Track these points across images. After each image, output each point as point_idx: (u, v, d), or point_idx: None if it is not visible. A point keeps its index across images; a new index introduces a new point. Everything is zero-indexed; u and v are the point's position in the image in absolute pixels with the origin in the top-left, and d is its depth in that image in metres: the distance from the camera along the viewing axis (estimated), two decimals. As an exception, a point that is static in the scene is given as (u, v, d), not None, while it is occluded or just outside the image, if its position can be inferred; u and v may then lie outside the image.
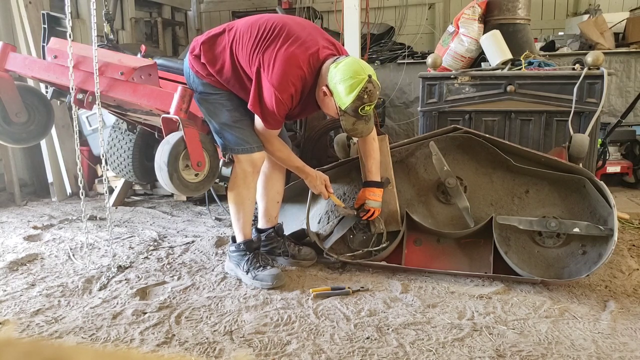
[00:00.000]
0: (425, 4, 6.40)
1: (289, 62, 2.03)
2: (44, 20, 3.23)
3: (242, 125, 2.26)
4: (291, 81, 2.05)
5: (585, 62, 2.81)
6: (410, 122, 5.45)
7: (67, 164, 4.22)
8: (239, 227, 2.39)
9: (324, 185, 2.43)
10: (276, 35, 2.08)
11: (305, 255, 2.52)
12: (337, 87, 2.03)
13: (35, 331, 1.86)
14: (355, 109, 2.03)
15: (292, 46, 2.05)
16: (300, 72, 2.06)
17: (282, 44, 2.05)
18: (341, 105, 2.05)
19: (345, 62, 2.04)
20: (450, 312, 1.97)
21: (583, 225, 2.18)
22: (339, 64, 2.04)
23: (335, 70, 2.03)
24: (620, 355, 1.65)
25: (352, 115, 2.06)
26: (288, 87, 2.05)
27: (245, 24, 2.18)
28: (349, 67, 2.02)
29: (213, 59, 2.19)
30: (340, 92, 2.02)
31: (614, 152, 4.18)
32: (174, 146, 2.05)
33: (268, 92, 2.05)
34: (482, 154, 2.47)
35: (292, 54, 2.04)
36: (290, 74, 2.04)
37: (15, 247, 2.87)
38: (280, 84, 2.03)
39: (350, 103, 2.02)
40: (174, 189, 2.11)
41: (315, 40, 2.12)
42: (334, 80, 2.03)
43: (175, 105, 2.09)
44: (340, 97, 2.03)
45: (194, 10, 6.99)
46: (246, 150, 2.25)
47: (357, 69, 2.02)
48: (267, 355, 1.68)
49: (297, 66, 2.05)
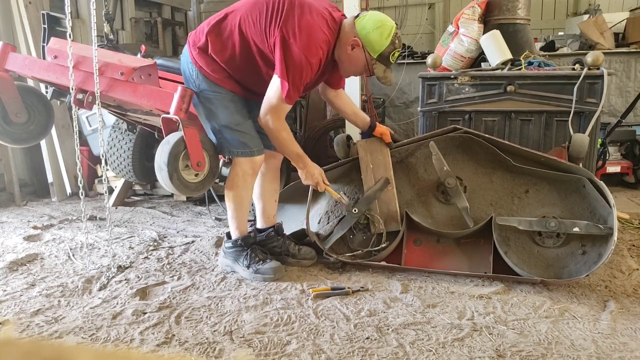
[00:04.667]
0: (425, 4, 6.40)
1: (313, 28, 2.10)
2: (44, 20, 3.23)
3: (243, 129, 2.26)
4: (319, 45, 2.12)
5: (585, 62, 2.81)
6: (410, 122, 5.45)
7: (67, 164, 4.23)
8: (235, 225, 2.41)
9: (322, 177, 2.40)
10: (290, 7, 2.11)
11: (305, 254, 2.52)
12: (369, 35, 2.14)
13: (35, 331, 1.86)
14: (387, 54, 2.16)
15: (311, 14, 2.11)
16: (324, 36, 2.14)
17: (300, 14, 2.10)
18: (375, 52, 2.16)
19: (370, 14, 2.20)
20: (450, 312, 1.97)
21: (583, 224, 2.18)
22: (364, 17, 2.17)
23: (364, 22, 2.15)
24: (620, 355, 1.65)
25: (383, 63, 2.19)
26: (317, 51, 2.12)
27: (248, 4, 2.18)
28: (377, 17, 2.18)
29: (222, 47, 2.19)
30: (374, 39, 2.14)
31: (614, 152, 4.18)
32: (174, 146, 2.05)
33: (298, 57, 2.08)
34: (482, 154, 2.47)
35: (313, 21, 2.11)
36: (317, 38, 2.11)
37: (15, 247, 2.87)
38: (309, 49, 2.08)
39: (385, 48, 2.14)
40: (174, 189, 2.12)
41: (325, 5, 2.22)
42: (365, 29, 2.14)
43: (175, 105, 2.09)
44: (374, 44, 2.15)
45: (194, 10, 6.99)
46: (247, 153, 2.27)
47: (384, 18, 2.19)
48: (267, 355, 1.68)
49: (321, 31, 2.13)
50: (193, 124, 2.18)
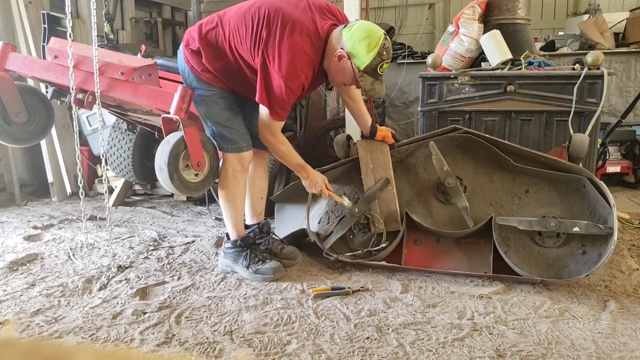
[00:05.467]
0: (425, 4, 6.40)
1: (293, 51, 2.03)
2: (44, 20, 3.24)
3: (232, 125, 2.27)
4: (300, 69, 2.05)
5: (585, 62, 2.81)
6: (410, 122, 5.45)
7: (67, 164, 4.22)
8: (231, 224, 2.42)
9: (325, 184, 2.43)
10: (272, 25, 2.05)
11: (287, 254, 2.51)
12: (355, 47, 2.04)
13: (35, 331, 1.86)
14: (374, 67, 2.06)
15: (292, 34, 2.03)
16: (307, 58, 2.07)
17: (281, 34, 2.03)
18: (361, 64, 2.06)
19: (358, 24, 2.08)
20: (450, 312, 1.97)
21: (583, 224, 2.18)
22: (352, 27, 2.07)
23: (350, 33, 2.05)
24: (620, 355, 1.65)
25: (371, 75, 2.09)
26: (298, 76, 2.06)
27: (236, 15, 2.16)
28: (364, 27, 2.06)
29: (215, 57, 2.19)
30: (360, 51, 2.04)
31: (614, 152, 4.18)
32: (174, 146, 2.06)
33: (277, 83, 2.05)
34: (482, 154, 2.47)
35: (294, 43, 2.03)
36: (297, 62, 2.04)
37: (15, 247, 2.87)
38: (289, 74, 2.03)
39: (372, 60, 2.04)
40: (174, 189, 2.12)
41: (311, 17, 2.11)
42: (351, 41, 2.05)
43: (175, 105, 2.09)
44: (360, 56, 2.05)
45: (194, 10, 6.99)
46: (235, 149, 2.28)
47: (372, 28, 2.07)
48: (267, 355, 1.68)
49: (303, 52, 2.05)
50: (193, 124, 2.18)
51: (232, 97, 2.29)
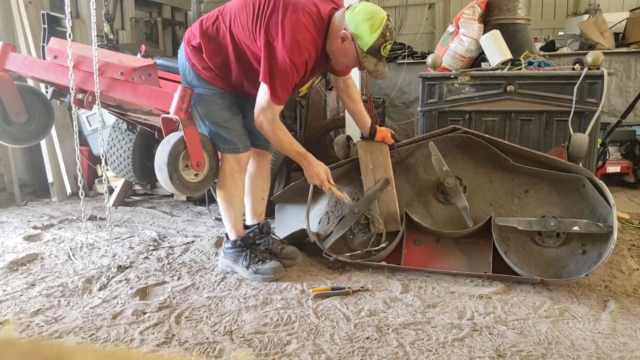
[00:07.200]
0: (425, 4, 6.40)
1: (297, 28, 2.03)
2: (44, 20, 3.24)
3: (230, 126, 2.26)
4: (304, 46, 2.05)
5: (585, 62, 2.81)
6: (410, 122, 5.44)
7: (67, 164, 4.22)
8: (230, 224, 2.42)
9: (327, 176, 2.35)
10: (274, 6, 2.06)
11: (287, 254, 2.51)
12: (359, 28, 2.05)
13: (35, 331, 1.86)
14: (378, 47, 2.07)
15: (294, 13, 2.04)
16: (310, 36, 2.07)
17: (283, 13, 2.03)
18: (365, 45, 2.07)
19: (361, 5, 2.09)
20: (450, 312, 1.97)
21: (582, 223, 2.18)
22: (354, 8, 2.08)
23: (353, 14, 2.06)
24: (620, 355, 1.65)
25: (374, 56, 2.10)
26: (302, 52, 2.05)
27: (237, 4, 2.16)
28: (367, 8, 2.08)
29: (216, 51, 2.18)
30: (364, 32, 2.05)
31: (614, 152, 4.19)
32: (174, 146, 2.06)
33: (281, 57, 2.03)
34: (482, 154, 2.47)
35: (297, 20, 2.03)
36: (301, 39, 2.04)
37: (15, 247, 2.87)
38: (293, 50, 2.02)
39: (375, 41, 2.05)
40: (173, 189, 2.12)
41: (312, 2, 2.12)
42: (354, 22, 2.05)
43: (175, 105, 2.09)
44: (363, 37, 2.06)
45: (194, 10, 6.99)
46: (232, 150, 2.27)
47: (375, 9, 2.09)
48: (267, 355, 1.68)
49: (306, 30, 2.05)
50: (193, 124, 2.18)
51: (232, 97, 2.29)
